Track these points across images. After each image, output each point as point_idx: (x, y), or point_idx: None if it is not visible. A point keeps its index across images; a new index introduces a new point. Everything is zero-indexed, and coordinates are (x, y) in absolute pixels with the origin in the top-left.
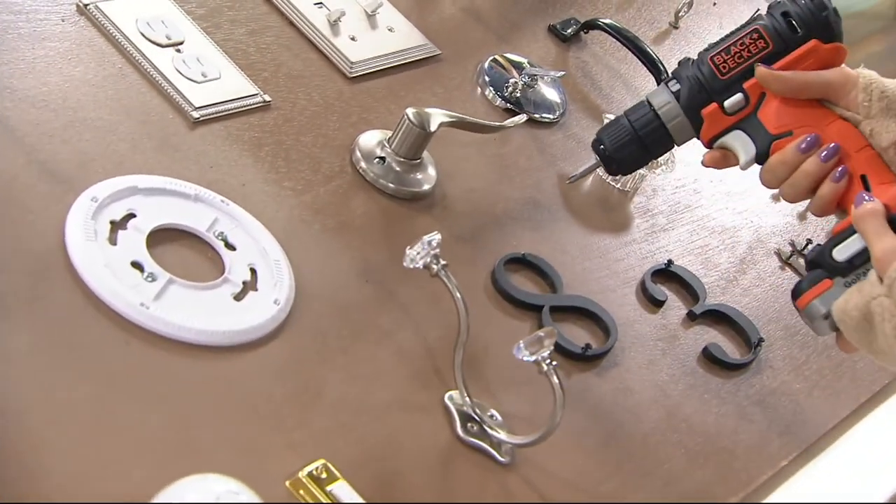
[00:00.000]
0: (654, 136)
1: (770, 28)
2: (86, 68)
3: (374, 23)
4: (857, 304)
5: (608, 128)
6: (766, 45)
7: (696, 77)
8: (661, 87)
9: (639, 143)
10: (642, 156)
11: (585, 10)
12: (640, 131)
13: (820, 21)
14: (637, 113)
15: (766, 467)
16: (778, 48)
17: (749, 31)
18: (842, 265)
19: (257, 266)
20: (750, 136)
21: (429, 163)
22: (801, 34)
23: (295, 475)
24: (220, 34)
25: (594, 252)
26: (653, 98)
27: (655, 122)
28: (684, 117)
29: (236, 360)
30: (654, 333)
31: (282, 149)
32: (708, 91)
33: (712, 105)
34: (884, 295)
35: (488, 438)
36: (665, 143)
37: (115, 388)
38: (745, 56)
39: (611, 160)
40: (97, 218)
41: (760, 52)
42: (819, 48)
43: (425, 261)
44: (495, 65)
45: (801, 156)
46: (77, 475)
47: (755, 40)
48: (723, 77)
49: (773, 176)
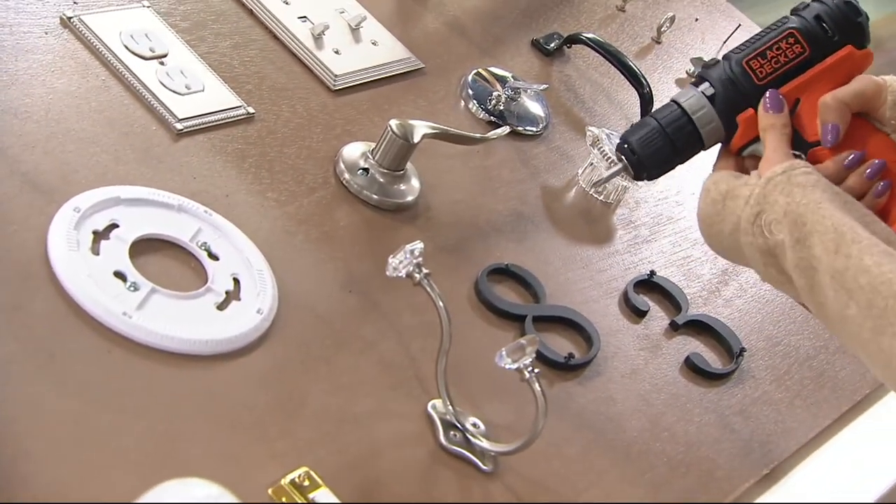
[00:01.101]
0: (687, 139)
1: (805, 31)
2: (69, 80)
3: (357, 36)
4: (729, 180)
5: (636, 130)
6: (804, 49)
7: (732, 81)
8: (691, 89)
9: (671, 146)
10: (673, 158)
11: (568, 25)
12: (673, 135)
13: (854, 26)
14: (668, 116)
15: (748, 476)
16: (815, 53)
17: (784, 35)
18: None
19: (240, 276)
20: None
21: (412, 174)
22: (836, 39)
23: (277, 483)
24: (204, 47)
25: (577, 263)
26: (684, 101)
27: (689, 125)
28: (719, 122)
29: (219, 369)
30: (637, 343)
31: (265, 160)
32: (744, 96)
33: (749, 111)
34: (758, 185)
35: (471, 447)
36: (695, 147)
37: (97, 397)
38: (781, 61)
39: (640, 163)
40: (80, 228)
41: (797, 56)
42: (854, 55)
43: (408, 269)
44: (479, 78)
45: (845, 171)
46: (58, 484)
47: (791, 45)
48: (760, 82)
49: None
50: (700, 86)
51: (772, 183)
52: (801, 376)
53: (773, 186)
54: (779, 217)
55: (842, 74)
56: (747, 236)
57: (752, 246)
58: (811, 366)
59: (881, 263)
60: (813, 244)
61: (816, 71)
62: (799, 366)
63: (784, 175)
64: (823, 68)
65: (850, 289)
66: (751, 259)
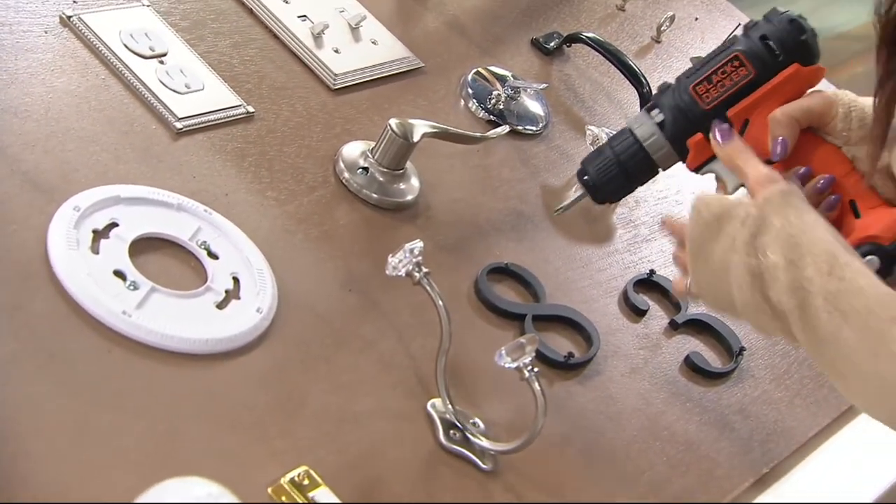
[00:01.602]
0: (639, 165)
1: (750, 53)
2: (69, 79)
3: (357, 35)
4: (722, 201)
5: (593, 159)
6: (748, 72)
7: (679, 107)
8: (643, 115)
9: (624, 174)
10: (628, 184)
11: (568, 24)
12: (626, 162)
13: (799, 44)
14: (621, 144)
15: (748, 475)
16: (759, 74)
17: (729, 58)
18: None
19: (240, 275)
20: None
21: (412, 173)
22: (781, 59)
23: (277, 482)
24: (204, 46)
25: (577, 262)
26: (636, 128)
27: (641, 153)
28: (670, 148)
29: (219, 368)
30: (637, 342)
31: (265, 159)
32: (692, 121)
33: (698, 135)
34: (754, 205)
35: (471, 446)
36: (650, 171)
37: (97, 396)
38: (726, 84)
39: (597, 190)
40: (79, 227)
41: (743, 79)
42: (801, 72)
43: (407, 268)
44: (478, 77)
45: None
46: (58, 483)
47: (736, 68)
48: (706, 107)
49: None
50: (652, 111)
51: (769, 204)
52: (800, 375)
53: (770, 208)
54: (773, 238)
55: (790, 92)
56: (740, 255)
57: (742, 266)
58: (811, 365)
59: (876, 285)
60: (805, 265)
61: (763, 91)
62: (798, 365)
63: (781, 197)
64: (770, 88)
65: (844, 311)
66: (735, 281)
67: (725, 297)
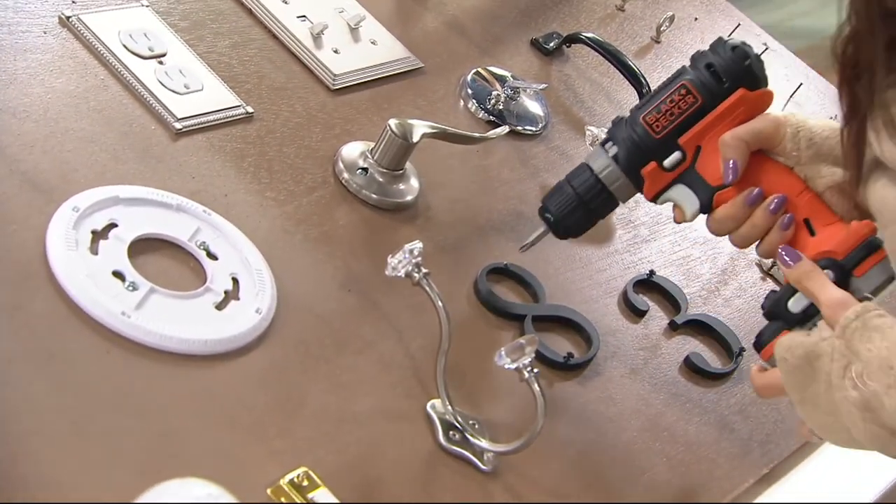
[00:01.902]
0: (597, 199)
1: (697, 82)
2: (68, 80)
3: (357, 36)
4: (804, 342)
5: (553, 196)
6: (696, 99)
7: (632, 138)
8: (599, 149)
9: (584, 209)
10: (589, 218)
11: (568, 24)
12: (584, 197)
13: (743, 70)
14: (579, 178)
15: (748, 475)
16: (707, 102)
17: (677, 87)
18: (798, 316)
19: (239, 276)
20: (692, 189)
21: (412, 174)
22: (727, 85)
23: (276, 483)
24: (203, 46)
25: (576, 262)
26: (592, 162)
27: (597, 186)
28: (626, 179)
29: (218, 369)
30: (636, 343)
31: (264, 160)
32: (644, 151)
33: (651, 164)
34: (836, 336)
35: (470, 447)
36: (609, 204)
37: (96, 397)
38: (675, 113)
39: (558, 226)
40: (78, 228)
41: (690, 107)
42: (747, 96)
43: (407, 269)
44: (478, 78)
45: (748, 209)
46: (57, 484)
47: (684, 96)
48: (657, 136)
49: (722, 227)
50: (606, 145)
51: (849, 331)
52: None
53: (852, 334)
54: (865, 366)
55: (739, 116)
56: (840, 391)
57: (847, 401)
58: None
59: None
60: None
61: (712, 117)
62: None
63: (859, 321)
64: (718, 114)
65: None
66: (847, 418)
67: (845, 434)
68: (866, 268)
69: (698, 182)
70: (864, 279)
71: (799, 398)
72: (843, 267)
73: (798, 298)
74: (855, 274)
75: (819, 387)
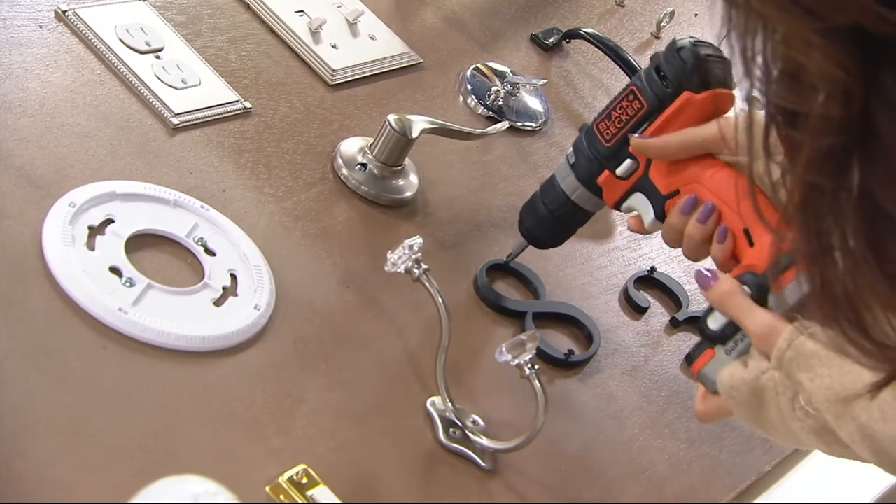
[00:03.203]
0: (565, 210)
1: (644, 86)
2: (64, 74)
3: (355, 31)
4: (745, 378)
5: (526, 209)
6: (641, 105)
7: (586, 147)
8: (565, 160)
9: (555, 221)
10: (563, 230)
11: (567, 20)
12: (553, 209)
13: (688, 71)
14: (547, 190)
15: (750, 473)
16: (653, 106)
17: (626, 93)
18: (716, 334)
19: (237, 272)
20: (647, 197)
21: (411, 170)
22: (671, 90)
23: (275, 480)
24: (201, 41)
25: (577, 259)
26: (557, 174)
27: (562, 196)
28: (584, 189)
29: (216, 365)
30: (637, 340)
31: (262, 155)
32: (598, 159)
33: (605, 173)
34: (773, 369)
35: (471, 444)
36: (579, 215)
37: (92, 393)
38: (623, 119)
39: (536, 239)
40: (75, 223)
41: (637, 113)
42: (692, 100)
43: (407, 265)
44: (477, 73)
45: (684, 218)
46: (54, 481)
47: (631, 102)
48: (608, 144)
49: (670, 238)
50: (569, 155)
51: (785, 361)
52: None
53: (789, 365)
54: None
55: (689, 121)
56: (794, 422)
57: (805, 430)
58: None
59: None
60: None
61: (659, 122)
62: None
63: (792, 350)
64: (663, 119)
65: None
66: (808, 443)
67: (812, 448)
68: (783, 283)
69: (652, 190)
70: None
71: (756, 425)
72: (762, 282)
73: (716, 317)
74: (773, 290)
75: (772, 415)
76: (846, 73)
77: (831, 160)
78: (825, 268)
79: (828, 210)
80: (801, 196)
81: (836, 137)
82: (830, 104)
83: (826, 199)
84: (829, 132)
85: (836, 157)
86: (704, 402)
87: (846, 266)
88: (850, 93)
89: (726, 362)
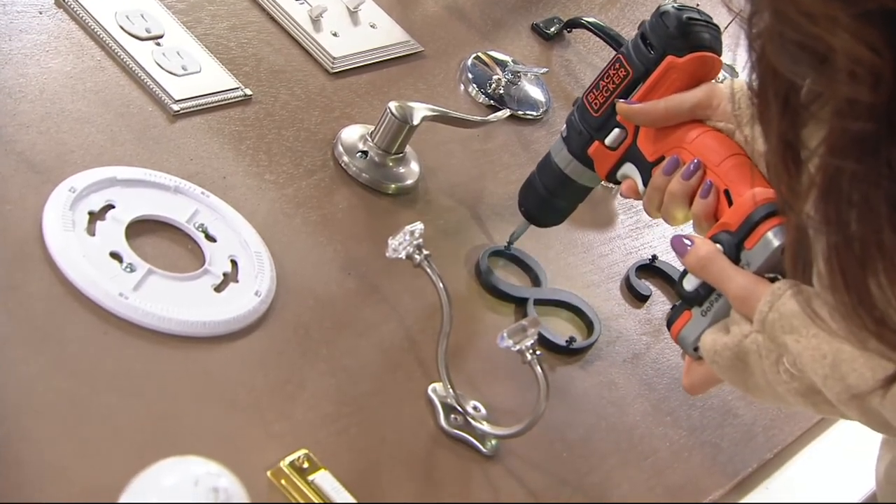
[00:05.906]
0: (559, 184)
1: (629, 54)
2: (64, 60)
3: (356, 19)
4: (728, 343)
5: (525, 188)
6: (627, 72)
7: (576, 119)
8: (558, 137)
9: (552, 197)
10: (561, 207)
11: (569, 9)
12: (549, 185)
13: (670, 35)
14: (543, 168)
15: (751, 460)
16: (638, 73)
17: (613, 62)
18: (691, 294)
19: (238, 258)
20: (636, 165)
21: (412, 157)
22: (654, 55)
23: (276, 465)
24: (201, 28)
25: (578, 247)
26: (552, 149)
27: (557, 171)
28: (576, 161)
29: (217, 350)
30: (639, 328)
31: (263, 142)
32: (587, 131)
33: (595, 143)
34: (756, 332)
35: (472, 430)
36: (575, 190)
37: (93, 378)
38: (611, 88)
39: (535, 218)
40: (75, 208)
41: (623, 80)
42: (675, 64)
43: (408, 251)
44: (478, 62)
45: (666, 178)
46: (54, 466)
47: (618, 70)
48: (596, 114)
49: (650, 204)
50: (562, 130)
51: (767, 324)
52: None
53: (772, 327)
54: (796, 358)
55: (674, 86)
56: (780, 385)
57: (791, 392)
58: None
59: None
60: (846, 374)
61: (644, 89)
62: None
63: (774, 312)
64: (648, 85)
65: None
66: (796, 404)
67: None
68: (755, 239)
69: (640, 158)
70: (753, 252)
71: (743, 389)
72: (734, 240)
73: (690, 278)
74: (746, 246)
75: (758, 380)
76: (876, 55)
77: (859, 144)
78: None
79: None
80: (823, 179)
81: (865, 123)
82: (859, 87)
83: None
84: (856, 116)
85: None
86: (689, 375)
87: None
88: (880, 75)
89: (703, 324)
